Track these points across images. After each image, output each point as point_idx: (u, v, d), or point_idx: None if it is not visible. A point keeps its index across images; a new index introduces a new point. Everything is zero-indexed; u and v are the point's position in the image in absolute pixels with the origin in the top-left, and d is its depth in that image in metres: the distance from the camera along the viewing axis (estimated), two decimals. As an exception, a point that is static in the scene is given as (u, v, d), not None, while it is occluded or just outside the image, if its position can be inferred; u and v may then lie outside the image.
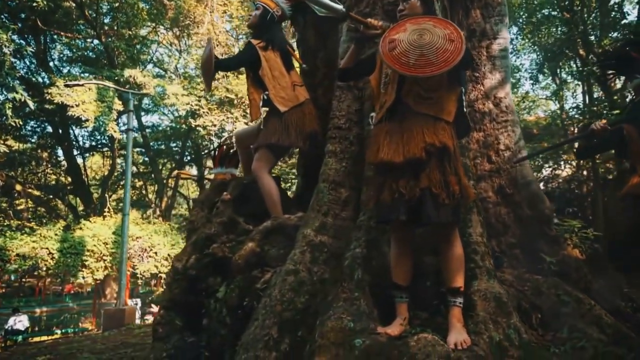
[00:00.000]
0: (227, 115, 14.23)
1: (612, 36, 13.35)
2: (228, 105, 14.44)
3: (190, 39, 16.55)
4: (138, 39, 15.48)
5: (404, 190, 2.15)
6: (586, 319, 2.35)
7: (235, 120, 14.12)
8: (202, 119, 14.05)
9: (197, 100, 13.86)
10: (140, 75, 13.30)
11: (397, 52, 2.16)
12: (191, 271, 2.91)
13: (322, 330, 2.20)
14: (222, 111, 14.30)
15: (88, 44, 16.81)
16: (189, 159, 20.66)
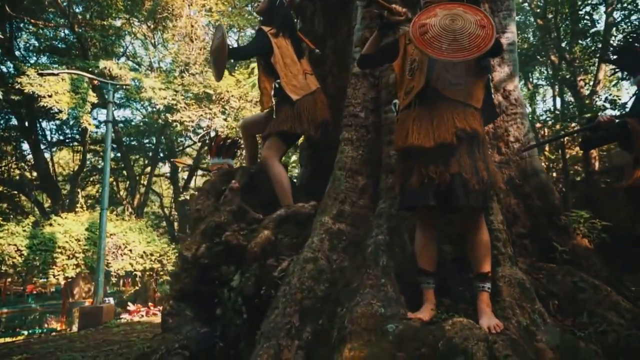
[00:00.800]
0: (205, 111, 13.98)
1: (582, 43, 13.89)
2: (206, 101, 14.19)
3: (167, 32, 16.17)
4: (113, 30, 15.00)
5: (434, 175, 2.15)
6: (604, 304, 2.40)
7: (214, 116, 13.88)
8: (179, 114, 13.75)
9: (174, 94, 13.55)
10: (116, 68, 12.88)
11: (429, 37, 2.15)
12: (203, 260, 2.82)
13: (352, 317, 2.16)
14: (200, 107, 14.03)
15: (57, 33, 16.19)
16: (162, 156, 20.18)
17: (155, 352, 2.64)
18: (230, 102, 13.70)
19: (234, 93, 13.43)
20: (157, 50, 16.92)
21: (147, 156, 20.49)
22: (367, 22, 3.12)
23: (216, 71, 3.31)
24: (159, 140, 18.00)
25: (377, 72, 3.02)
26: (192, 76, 14.37)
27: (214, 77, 3.39)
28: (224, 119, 13.85)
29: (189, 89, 13.94)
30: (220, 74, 3.30)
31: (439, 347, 1.93)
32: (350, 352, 2.05)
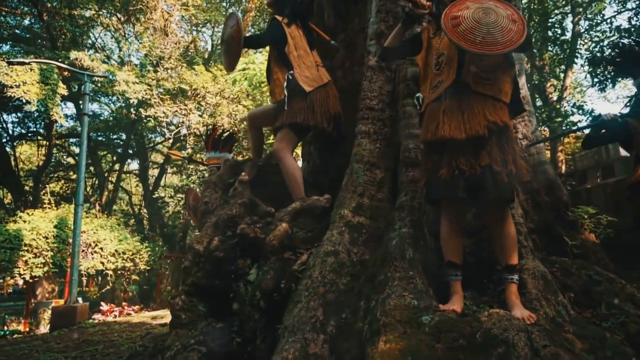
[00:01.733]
0: (180, 107, 13.65)
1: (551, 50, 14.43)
2: (181, 97, 13.86)
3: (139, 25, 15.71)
4: (84, 20, 14.43)
5: (465, 167, 2.15)
6: (620, 296, 2.47)
7: (189, 112, 13.57)
8: (153, 109, 13.37)
9: (148, 89, 13.16)
10: (87, 59, 12.39)
11: (463, 29, 2.16)
12: (217, 253, 2.73)
13: (384, 309, 2.14)
14: (174, 102, 13.69)
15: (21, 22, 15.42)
16: (132, 152, 19.59)
17: (169, 349, 2.53)
18: (206, 99, 13.42)
19: (210, 89, 13.17)
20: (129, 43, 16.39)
21: (115, 152, 19.85)
22: (383, 16, 3.11)
23: (228, 60, 3.20)
24: (130, 135, 17.44)
25: (394, 65, 3.01)
26: (167, 71, 14.01)
27: (225, 66, 3.29)
28: (199, 115, 13.56)
29: (162, 84, 13.58)
30: (233, 63, 3.20)
31: (477, 338, 1.93)
32: (386, 345, 2.02)
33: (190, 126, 13.22)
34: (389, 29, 3.08)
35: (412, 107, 2.81)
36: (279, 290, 2.56)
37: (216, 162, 4.37)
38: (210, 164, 4.39)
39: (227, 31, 3.10)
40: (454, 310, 2.12)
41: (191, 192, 4.31)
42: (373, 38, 3.10)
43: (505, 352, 1.84)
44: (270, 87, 3.18)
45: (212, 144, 4.38)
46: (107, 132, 18.63)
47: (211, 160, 4.39)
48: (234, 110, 12.50)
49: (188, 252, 2.88)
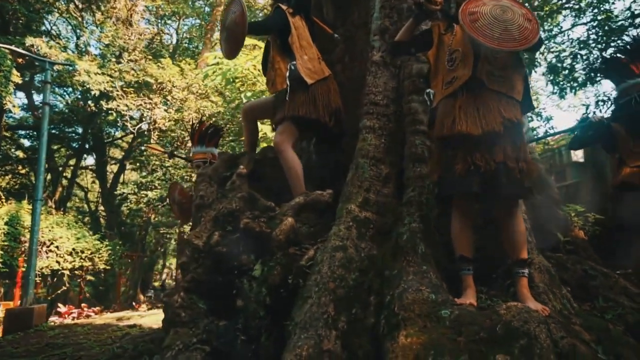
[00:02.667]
0: (145, 101, 13.19)
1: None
2: (146, 90, 13.39)
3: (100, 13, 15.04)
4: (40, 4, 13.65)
5: (480, 163, 2.18)
6: (615, 290, 2.58)
7: (154, 106, 13.13)
8: (115, 102, 12.83)
9: (111, 81, 12.62)
10: (45, 46, 11.73)
11: (481, 25, 2.19)
12: (220, 248, 2.62)
13: (402, 303, 2.13)
14: (139, 96, 13.21)
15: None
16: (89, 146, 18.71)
17: (169, 349, 2.41)
18: (172, 93, 13.04)
19: (177, 83, 12.80)
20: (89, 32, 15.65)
21: (70, 147, 18.90)
22: (387, 12, 3.11)
23: (230, 47, 3.09)
24: (88, 129, 16.64)
25: (399, 62, 3.01)
26: (131, 63, 13.49)
27: (226, 53, 3.17)
28: (165, 110, 13.16)
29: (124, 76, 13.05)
30: (235, 50, 3.09)
31: (498, 331, 1.95)
32: (407, 339, 2.01)
33: (156, 121, 12.79)
34: (393, 25, 3.09)
35: (417, 103, 2.82)
36: (286, 286, 2.50)
37: (202, 156, 4.23)
38: (196, 158, 4.24)
39: (230, 17, 2.99)
40: (471, 303, 2.14)
41: (176, 187, 4.14)
42: (377, 34, 3.09)
43: (528, 344, 1.87)
44: (269, 77, 3.10)
45: (198, 138, 4.24)
46: (61, 125, 17.68)
47: (197, 155, 4.24)
48: (202, 106, 12.20)
49: (185, 247, 2.76)
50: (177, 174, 11.74)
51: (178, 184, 4.14)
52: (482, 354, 1.90)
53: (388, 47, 2.92)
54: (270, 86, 3.09)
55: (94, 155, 19.23)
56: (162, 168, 12.02)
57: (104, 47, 14.33)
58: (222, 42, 3.12)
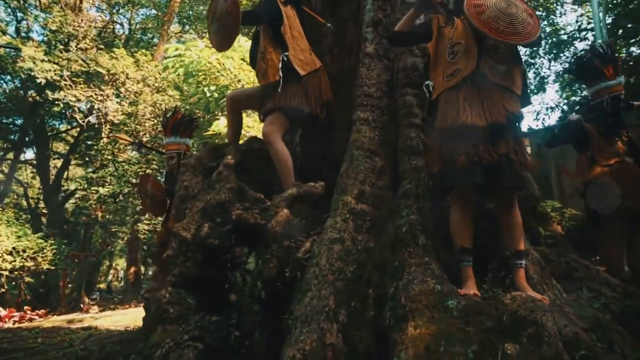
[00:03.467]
0: (96, 92, 12.49)
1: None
2: (97, 81, 12.70)
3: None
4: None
5: (484, 155, 2.20)
6: (597, 281, 2.69)
7: (106, 98, 12.47)
8: (62, 92, 12.06)
9: (59, 70, 11.86)
10: (-17, 29, 10.85)
11: (486, 17, 2.22)
12: (212, 241, 2.49)
13: (409, 295, 2.11)
14: (89, 86, 12.50)
15: None
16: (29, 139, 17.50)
17: (159, 346, 2.25)
18: (126, 85, 12.44)
19: (132, 75, 12.23)
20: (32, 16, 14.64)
21: (7, 139, 17.59)
22: (380, 4, 3.09)
23: (221, 39, 2.93)
24: (30, 121, 15.54)
25: (392, 54, 3.00)
26: (80, 51, 12.75)
27: (216, 45, 3.00)
28: (117, 103, 12.53)
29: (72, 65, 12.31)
30: (228, 41, 2.93)
31: (504, 320, 1.97)
32: (416, 330, 1.99)
33: (107, 114, 12.15)
34: (386, 18, 3.08)
35: (412, 96, 2.83)
36: (283, 279, 2.41)
37: (176, 147, 4.03)
38: (169, 149, 4.03)
39: (220, 7, 2.84)
40: (475, 294, 2.15)
41: (148, 179, 3.91)
42: (370, 25, 3.07)
43: (536, 333, 1.89)
44: (260, 68, 2.98)
45: (172, 127, 4.03)
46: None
47: (171, 146, 4.03)
48: (159, 100, 11.73)
49: (172, 240, 2.60)
50: (130, 170, 11.20)
51: (150, 176, 3.92)
52: (491, 343, 1.91)
53: (387, 37, 2.91)
54: (261, 78, 2.98)
55: (34, 148, 18.01)
56: (115, 163, 11.42)
57: (50, 34, 13.46)
58: (212, 35, 2.95)
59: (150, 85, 12.22)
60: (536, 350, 1.84)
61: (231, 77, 8.93)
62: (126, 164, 11.40)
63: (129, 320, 6.35)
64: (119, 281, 28.22)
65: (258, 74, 3.02)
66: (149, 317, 2.60)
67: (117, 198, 11.00)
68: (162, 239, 3.94)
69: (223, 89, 9.05)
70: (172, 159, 3.98)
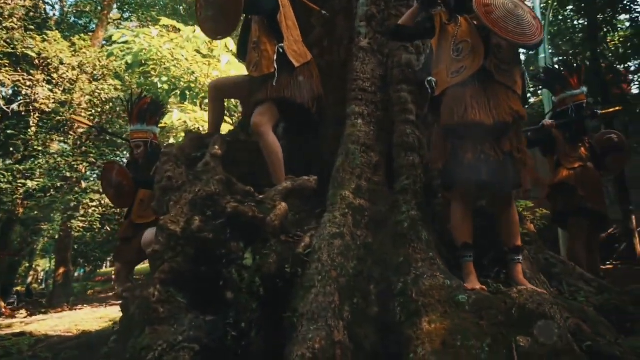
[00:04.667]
0: (24, 77, 11.44)
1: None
2: (25, 64, 11.63)
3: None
4: None
5: (491, 152, 2.24)
6: (574, 276, 2.84)
7: (35, 84, 11.44)
8: (-16, 75, 10.91)
9: (-19, 50, 10.72)
10: None
11: (495, 17, 2.26)
12: (206, 234, 2.32)
13: (420, 290, 2.10)
14: (16, 70, 11.42)
15: None
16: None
17: (150, 350, 2.05)
18: (60, 71, 11.50)
19: (67, 61, 11.33)
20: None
21: None
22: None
23: (217, 26, 2.67)
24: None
25: (386, 50, 2.99)
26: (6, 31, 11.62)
27: (212, 33, 2.79)
28: (49, 90, 11.55)
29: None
30: (226, 30, 2.70)
31: (514, 314, 2.01)
32: (431, 325, 1.98)
33: (37, 100, 11.15)
34: (380, 13, 3.06)
35: (406, 93, 2.83)
36: (283, 275, 2.30)
37: (143, 136, 3.73)
38: (134, 137, 3.74)
39: None
40: (482, 289, 2.18)
41: (113, 167, 3.58)
42: (363, 20, 3.03)
43: (546, 325, 1.95)
44: (252, 59, 2.82)
45: (137, 114, 3.74)
46: None
47: (137, 134, 3.73)
48: (98, 89, 10.97)
49: (159, 233, 2.40)
50: (64, 162, 10.33)
51: (116, 164, 3.61)
52: (504, 337, 1.94)
53: (389, 31, 2.89)
54: (253, 69, 2.82)
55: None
56: (45, 155, 10.48)
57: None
58: (206, 21, 2.71)
59: (88, 72, 11.40)
60: (547, 342, 1.89)
61: (184, 69, 8.56)
62: (58, 155, 10.53)
63: (68, 324, 5.84)
64: (38, 283, 26.08)
65: (249, 65, 2.86)
66: (129, 318, 2.37)
67: (49, 192, 10.12)
68: (125, 233, 3.66)
69: (175, 81, 8.66)
70: (139, 147, 3.70)
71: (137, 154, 3.71)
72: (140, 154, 3.70)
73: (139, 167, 3.71)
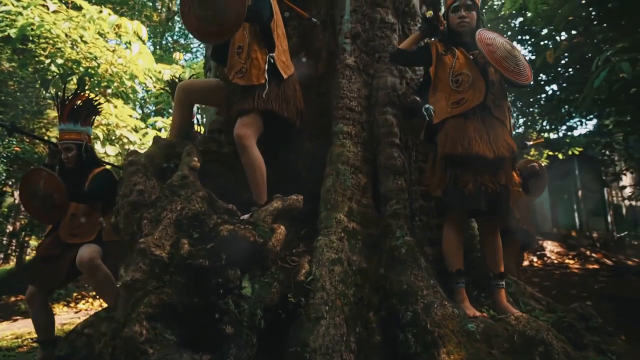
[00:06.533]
0: None
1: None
2: None
3: None
4: None
5: (490, 184, 2.35)
6: (526, 295, 3.09)
7: None
8: None
9: None
10: None
11: (498, 56, 2.38)
12: (201, 261, 2.03)
13: (434, 320, 2.09)
14: None
15: None
16: None
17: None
18: None
19: None
20: None
21: None
22: (359, 17, 3.01)
23: (209, 28, 2.27)
24: None
25: (372, 70, 2.95)
26: None
27: (204, 35, 2.39)
28: None
29: None
30: (219, 36, 2.31)
31: (515, 340, 2.11)
32: (450, 356, 1.98)
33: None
34: (365, 32, 3.01)
35: (391, 115, 2.82)
36: (285, 306, 2.13)
37: (76, 137, 3.15)
38: (65, 139, 3.15)
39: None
40: (483, 316, 2.25)
41: (40, 174, 2.95)
42: (348, 37, 2.95)
43: (546, 351, 2.09)
44: (236, 65, 2.54)
45: (69, 113, 3.17)
46: None
47: (68, 134, 3.13)
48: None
49: (137, 259, 2.04)
50: None
51: (43, 171, 2.99)
52: (512, 364, 2.02)
53: (390, 53, 2.86)
54: (238, 76, 2.55)
55: None
56: None
57: None
58: (198, 20, 2.33)
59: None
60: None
61: (84, 53, 7.59)
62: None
63: None
64: None
65: (231, 70, 2.60)
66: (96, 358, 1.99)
67: None
68: (46, 252, 3.08)
69: (73, 65, 7.64)
70: (70, 150, 3.14)
71: (66, 158, 3.15)
72: (70, 158, 3.14)
73: (68, 174, 3.17)
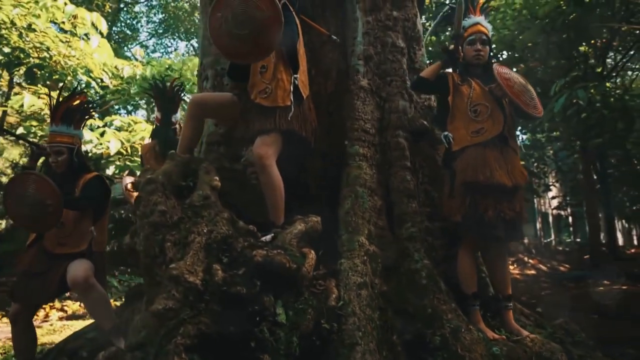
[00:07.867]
0: None
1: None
2: None
3: None
4: None
5: (508, 212, 2.47)
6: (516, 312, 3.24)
7: None
8: None
9: None
10: None
11: (516, 90, 2.53)
12: (238, 289, 1.95)
13: (464, 344, 2.16)
14: None
15: None
16: None
17: None
18: None
19: None
20: None
21: None
22: (371, 40, 3.04)
23: (243, 48, 2.14)
24: None
25: (384, 93, 3.00)
26: None
27: (231, 52, 2.29)
28: None
29: None
30: (255, 56, 2.23)
31: (533, 362, 2.24)
32: (481, 381, 2.05)
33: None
34: (377, 55, 3.05)
35: (403, 139, 2.89)
36: (319, 333, 2.11)
37: (68, 140, 2.86)
38: (55, 141, 2.90)
39: (254, 13, 2.19)
40: (501, 338, 2.35)
41: (28, 178, 2.60)
42: (361, 58, 2.98)
43: (561, 371, 2.23)
44: (260, 85, 2.44)
45: (63, 115, 2.92)
46: None
47: (60, 137, 2.85)
48: None
49: (170, 286, 1.93)
50: None
51: (34, 175, 2.66)
52: (533, 385, 2.14)
53: (413, 81, 2.93)
54: (262, 96, 2.48)
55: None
56: None
57: None
58: (232, 38, 2.23)
59: None
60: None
61: (34, 42, 7.06)
62: None
63: None
64: None
65: (253, 89, 2.53)
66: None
67: None
68: (33, 266, 2.84)
69: (20, 54, 7.08)
70: (60, 154, 2.90)
71: (55, 161, 2.91)
72: (60, 162, 2.90)
73: (56, 179, 2.93)
